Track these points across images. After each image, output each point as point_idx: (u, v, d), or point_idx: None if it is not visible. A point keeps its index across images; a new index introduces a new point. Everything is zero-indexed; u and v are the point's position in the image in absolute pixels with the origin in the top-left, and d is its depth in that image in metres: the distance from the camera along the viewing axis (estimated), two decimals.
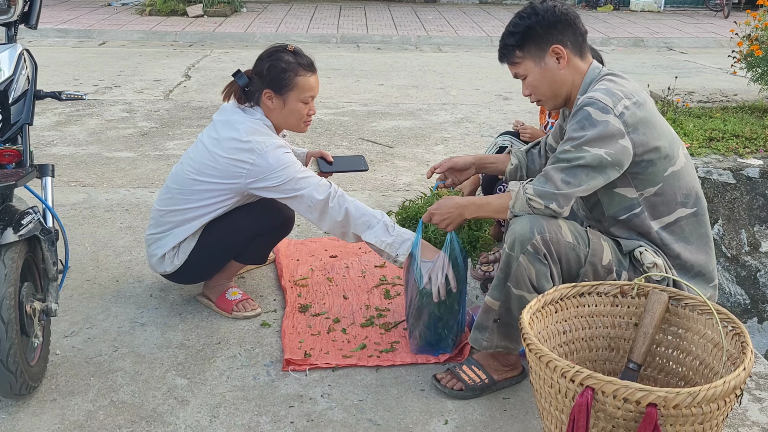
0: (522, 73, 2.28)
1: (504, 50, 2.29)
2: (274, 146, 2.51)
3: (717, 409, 1.62)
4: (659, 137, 2.16)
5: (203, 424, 2.18)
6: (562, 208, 2.15)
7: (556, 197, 2.13)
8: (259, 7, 13.33)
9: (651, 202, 2.19)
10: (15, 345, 2.05)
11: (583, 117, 2.11)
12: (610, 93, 2.12)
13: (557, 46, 2.20)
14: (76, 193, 4.09)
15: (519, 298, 2.16)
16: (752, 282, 4.40)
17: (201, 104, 6.36)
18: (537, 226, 2.12)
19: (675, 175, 2.19)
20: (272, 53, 2.62)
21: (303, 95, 2.60)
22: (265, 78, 2.58)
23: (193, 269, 2.74)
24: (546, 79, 2.24)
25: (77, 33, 10.22)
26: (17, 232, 2.09)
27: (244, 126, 2.56)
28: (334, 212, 2.50)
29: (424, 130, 5.74)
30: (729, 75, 7.47)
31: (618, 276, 2.19)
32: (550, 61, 2.22)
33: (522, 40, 2.22)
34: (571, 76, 2.24)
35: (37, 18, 2.78)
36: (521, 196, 2.18)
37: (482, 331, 2.27)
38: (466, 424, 2.21)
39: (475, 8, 14.30)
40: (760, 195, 4.57)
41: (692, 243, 2.23)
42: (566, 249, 2.14)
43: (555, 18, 2.20)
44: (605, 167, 2.10)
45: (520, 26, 2.23)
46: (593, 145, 2.09)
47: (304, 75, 2.59)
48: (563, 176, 2.12)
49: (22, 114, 2.58)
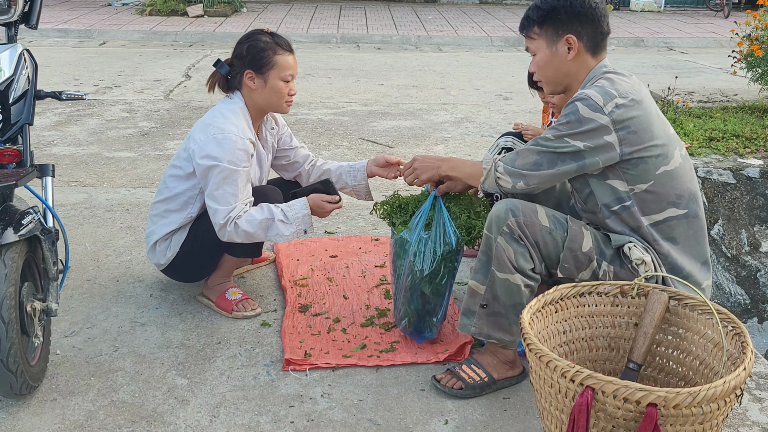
0: (533, 50, 2.30)
1: (525, 21, 2.30)
2: (227, 135, 2.55)
3: (717, 409, 1.62)
4: (653, 136, 2.15)
5: (203, 423, 2.19)
6: (530, 186, 2.21)
7: (524, 176, 2.20)
8: (260, 7, 13.33)
9: (641, 198, 2.19)
10: (15, 345, 2.05)
11: (571, 111, 2.14)
12: (604, 91, 2.13)
13: (571, 37, 2.21)
14: (77, 193, 4.09)
15: (504, 282, 2.19)
16: (752, 282, 4.40)
17: (201, 104, 6.36)
18: (513, 209, 2.18)
19: (668, 174, 2.18)
20: (250, 36, 2.69)
21: (283, 73, 2.64)
22: (245, 59, 2.64)
23: (187, 263, 2.75)
24: (552, 64, 2.26)
25: (77, 33, 10.22)
26: (18, 232, 2.09)
27: (214, 110, 2.67)
28: (233, 235, 2.56)
29: (424, 130, 5.74)
30: (729, 75, 7.47)
31: (598, 265, 2.20)
32: (562, 48, 2.23)
33: (544, 18, 2.24)
34: (576, 68, 2.25)
35: (37, 18, 2.78)
36: (492, 174, 2.25)
37: (469, 316, 2.29)
38: (466, 423, 2.21)
39: (475, 8, 14.30)
40: (760, 195, 4.57)
41: (679, 244, 2.22)
42: (542, 233, 2.17)
43: (582, 9, 2.21)
44: (582, 157, 2.14)
45: (547, 4, 2.23)
46: (575, 138, 2.13)
47: (283, 54, 2.64)
48: (536, 158, 2.18)
49: (22, 114, 2.59)
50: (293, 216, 2.59)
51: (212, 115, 2.65)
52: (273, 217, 2.57)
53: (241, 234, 2.56)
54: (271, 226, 2.57)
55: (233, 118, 2.61)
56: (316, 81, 7.59)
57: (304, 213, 2.61)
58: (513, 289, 2.19)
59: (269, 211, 2.58)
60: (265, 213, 2.57)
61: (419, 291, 2.47)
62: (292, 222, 2.59)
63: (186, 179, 2.67)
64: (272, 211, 2.58)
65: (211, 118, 2.63)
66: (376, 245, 3.48)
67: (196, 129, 2.66)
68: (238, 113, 2.64)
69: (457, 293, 3.02)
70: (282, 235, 2.58)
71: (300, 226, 2.60)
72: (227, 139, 2.54)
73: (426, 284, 2.45)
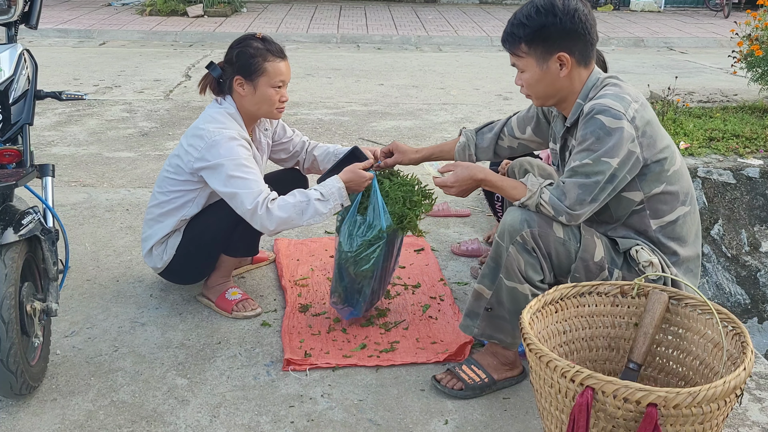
0: (521, 67, 2.21)
1: (510, 38, 2.18)
2: (224, 136, 2.54)
3: (717, 409, 1.62)
4: (663, 137, 2.17)
5: (203, 423, 2.18)
6: (570, 223, 2.16)
7: (568, 214, 2.13)
8: (260, 7, 13.33)
9: (655, 200, 2.18)
10: (15, 345, 2.05)
11: (597, 126, 2.07)
12: (619, 98, 2.10)
13: (564, 55, 2.13)
14: (77, 193, 4.09)
15: (511, 290, 2.18)
16: (752, 282, 4.40)
17: (201, 104, 6.36)
18: (528, 220, 2.14)
19: (676, 174, 2.19)
20: (241, 41, 2.66)
21: (273, 80, 2.61)
22: (234, 65, 2.62)
23: (185, 265, 2.75)
24: (543, 81, 2.19)
25: (77, 33, 10.22)
26: (18, 232, 2.09)
27: (205, 115, 2.65)
28: (264, 221, 2.49)
29: (424, 130, 5.74)
30: (729, 75, 7.47)
31: (610, 274, 2.19)
32: (553, 66, 2.15)
33: (532, 37, 2.13)
34: (569, 83, 2.19)
35: (37, 18, 2.78)
36: (535, 198, 2.16)
37: (473, 318, 2.29)
38: (466, 424, 2.21)
39: (475, 8, 14.30)
40: (760, 195, 4.57)
41: (686, 241, 2.24)
42: (556, 244, 2.15)
43: (572, 25, 2.10)
44: (616, 177, 2.09)
45: (534, 22, 2.11)
46: (611, 154, 2.06)
47: (273, 60, 2.61)
48: (579, 193, 2.10)
49: (22, 114, 2.59)
50: (328, 192, 2.52)
51: (204, 120, 2.62)
52: (308, 199, 2.51)
53: (275, 220, 2.48)
54: (306, 208, 2.50)
55: (226, 122, 2.60)
56: (316, 81, 7.59)
57: (339, 186, 2.53)
58: (519, 298, 2.18)
59: (302, 194, 2.53)
60: (298, 197, 2.52)
61: (347, 270, 2.56)
62: (329, 198, 2.52)
63: (179, 183, 2.66)
64: (306, 194, 2.53)
65: (203, 124, 2.60)
66: None
67: (189, 136, 2.63)
68: (228, 118, 2.62)
69: (457, 293, 3.02)
70: (321, 214, 2.51)
71: (337, 200, 2.53)
72: (223, 137, 2.53)
73: (351, 265, 2.53)
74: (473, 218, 3.85)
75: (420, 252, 3.40)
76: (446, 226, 3.75)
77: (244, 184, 2.50)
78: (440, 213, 3.86)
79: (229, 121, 2.61)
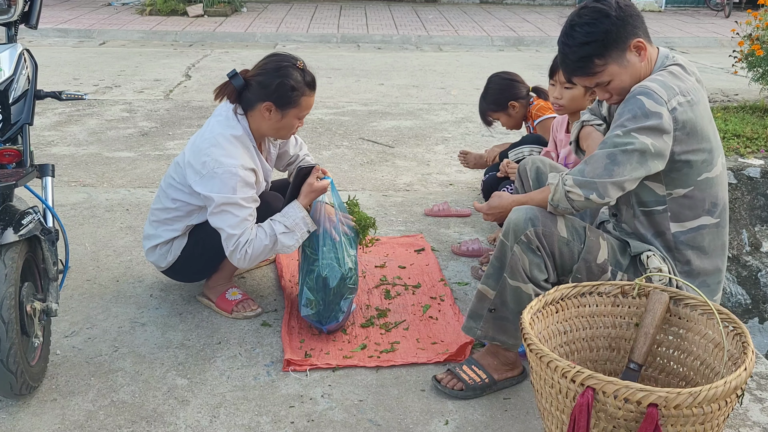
0: (605, 80, 2.15)
1: (579, 64, 2.14)
2: (225, 170, 2.49)
3: (718, 409, 1.62)
4: (702, 140, 2.10)
5: (203, 424, 2.18)
6: (604, 198, 2.07)
7: (596, 186, 2.06)
8: (260, 7, 13.33)
9: (678, 203, 2.15)
10: (15, 345, 2.05)
11: (636, 106, 2.04)
12: (667, 86, 2.06)
13: (639, 40, 2.12)
14: (77, 193, 4.09)
15: (515, 290, 2.17)
16: (753, 282, 4.40)
17: (201, 104, 6.36)
18: (532, 219, 2.13)
19: (708, 181, 2.14)
20: (281, 68, 2.56)
21: (302, 113, 2.62)
22: (271, 93, 2.54)
23: (188, 266, 2.77)
24: (631, 76, 2.14)
25: (77, 33, 10.22)
26: (17, 232, 2.09)
27: (213, 132, 2.57)
28: (240, 262, 2.57)
29: (425, 129, 5.73)
30: (730, 75, 7.47)
31: (613, 276, 2.18)
32: (632, 57, 2.13)
33: (602, 47, 2.10)
34: (647, 65, 2.16)
35: (37, 18, 2.78)
36: (560, 188, 2.12)
37: (477, 319, 2.28)
38: (466, 424, 2.20)
39: (476, 8, 14.29)
40: (761, 195, 4.57)
41: (707, 253, 2.19)
42: (560, 243, 2.14)
43: (625, 13, 2.10)
44: (648, 158, 2.04)
45: (595, 33, 2.09)
46: (642, 133, 2.03)
47: (309, 95, 2.60)
48: (607, 162, 2.05)
49: (22, 114, 2.58)
50: (292, 224, 2.57)
51: (209, 142, 2.54)
52: (275, 233, 2.55)
53: (248, 259, 2.55)
54: (274, 245, 2.56)
55: (231, 149, 2.53)
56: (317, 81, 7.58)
57: (302, 216, 2.59)
58: (523, 298, 2.17)
59: (270, 228, 2.56)
60: (268, 232, 2.56)
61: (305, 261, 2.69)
62: (293, 230, 2.57)
63: (186, 195, 2.65)
64: (273, 228, 2.56)
65: (208, 146, 2.53)
66: (375, 245, 3.47)
67: (194, 152, 2.57)
68: (235, 145, 2.55)
69: (457, 293, 3.01)
70: (288, 246, 2.57)
71: (302, 229, 2.59)
72: (224, 172, 2.49)
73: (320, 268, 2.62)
74: (474, 218, 3.85)
75: (420, 252, 3.40)
76: (447, 226, 3.74)
77: (231, 223, 2.51)
78: (441, 213, 3.85)
79: (235, 149, 2.55)
